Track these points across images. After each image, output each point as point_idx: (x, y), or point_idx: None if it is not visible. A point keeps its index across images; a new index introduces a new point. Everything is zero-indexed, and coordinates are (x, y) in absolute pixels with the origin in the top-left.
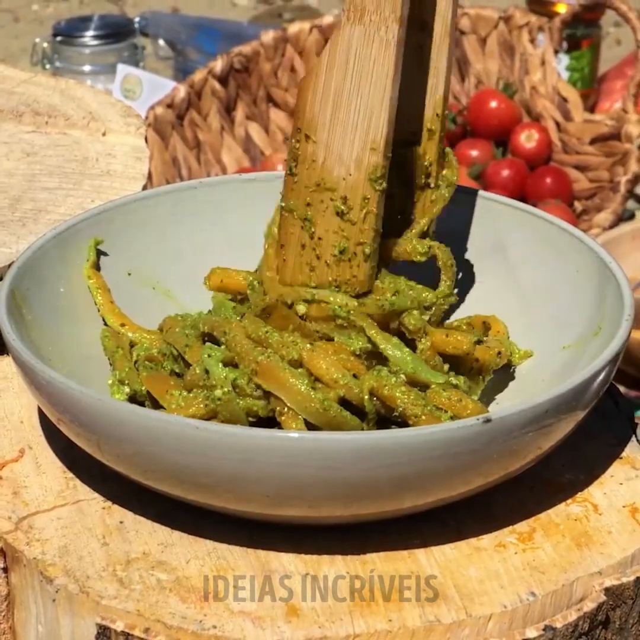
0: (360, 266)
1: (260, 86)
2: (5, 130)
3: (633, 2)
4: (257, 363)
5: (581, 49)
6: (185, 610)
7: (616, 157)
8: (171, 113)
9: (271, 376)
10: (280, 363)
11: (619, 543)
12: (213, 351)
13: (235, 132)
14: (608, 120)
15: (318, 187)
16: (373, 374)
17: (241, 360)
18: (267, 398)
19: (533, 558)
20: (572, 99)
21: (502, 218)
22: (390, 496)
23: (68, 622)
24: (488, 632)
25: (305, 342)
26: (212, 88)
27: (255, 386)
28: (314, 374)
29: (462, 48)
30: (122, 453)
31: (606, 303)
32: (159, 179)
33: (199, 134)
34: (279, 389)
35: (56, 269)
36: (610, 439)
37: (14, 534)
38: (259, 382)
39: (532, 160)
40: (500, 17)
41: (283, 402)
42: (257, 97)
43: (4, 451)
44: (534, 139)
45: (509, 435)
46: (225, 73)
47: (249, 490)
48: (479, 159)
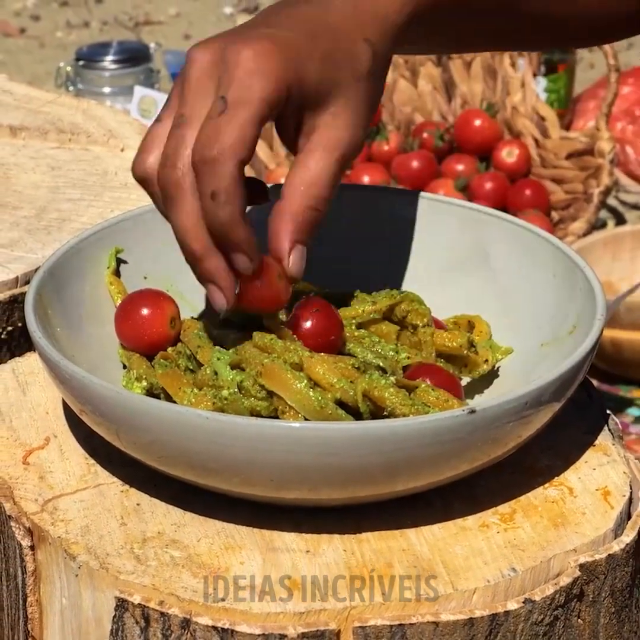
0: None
1: None
2: (32, 147)
3: None
4: (262, 365)
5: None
6: (196, 584)
7: (590, 171)
8: None
9: (274, 377)
10: (283, 365)
11: (592, 523)
12: (222, 355)
13: None
14: (582, 138)
15: None
16: (365, 377)
17: (248, 363)
18: (270, 398)
19: (514, 537)
20: (549, 118)
21: (485, 226)
22: (383, 480)
23: (89, 595)
24: (473, 605)
25: (305, 350)
26: None
27: (259, 387)
28: (313, 378)
29: (449, 71)
30: (139, 441)
31: (580, 304)
32: None
33: None
34: (280, 388)
35: (79, 273)
36: (584, 428)
37: (40, 515)
38: (263, 383)
39: (513, 173)
40: None
41: (284, 401)
42: None
43: (31, 439)
44: (514, 155)
45: (492, 425)
46: None
47: (254, 475)
48: (464, 173)
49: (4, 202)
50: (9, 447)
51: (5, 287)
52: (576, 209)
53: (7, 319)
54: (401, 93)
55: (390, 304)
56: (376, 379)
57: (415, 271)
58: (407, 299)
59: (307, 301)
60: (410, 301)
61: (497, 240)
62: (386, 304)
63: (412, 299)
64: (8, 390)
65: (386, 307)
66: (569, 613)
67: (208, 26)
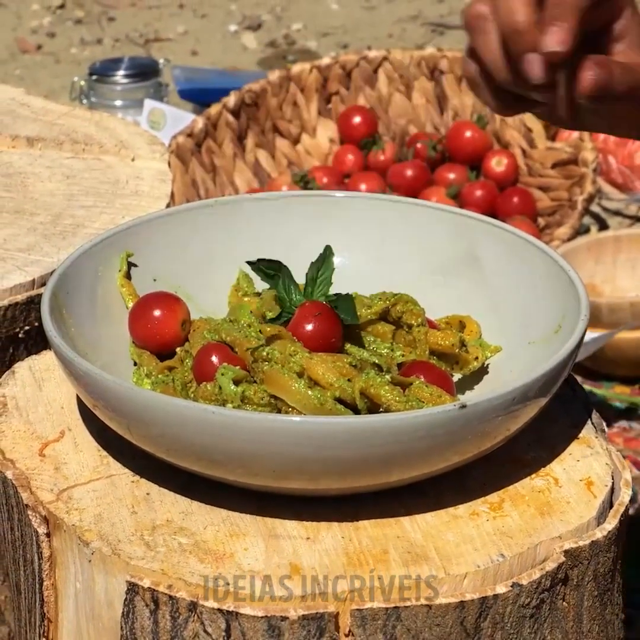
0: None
1: (267, 118)
2: (48, 156)
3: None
4: (263, 372)
5: None
6: (203, 569)
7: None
8: (191, 141)
9: (274, 382)
10: (281, 370)
11: (576, 511)
12: (227, 370)
13: (246, 158)
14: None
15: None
16: (362, 376)
17: (253, 372)
18: (273, 403)
19: (502, 524)
20: (535, 130)
21: (476, 232)
22: (379, 471)
23: (102, 579)
24: (464, 588)
25: (305, 352)
26: (226, 120)
27: (261, 394)
28: (313, 378)
29: (442, 86)
30: (149, 434)
31: (565, 305)
32: (180, 198)
33: (215, 160)
34: (281, 391)
35: (92, 275)
36: (569, 422)
37: (55, 504)
38: (265, 388)
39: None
40: None
41: (286, 403)
42: (264, 127)
43: (47, 432)
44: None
45: (482, 419)
46: (237, 107)
47: (257, 466)
48: (455, 181)
49: (22, 208)
50: (26, 440)
51: (23, 288)
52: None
53: (24, 319)
54: (396, 106)
55: (385, 305)
56: (372, 377)
57: (410, 274)
58: (401, 301)
59: (308, 305)
60: (405, 302)
61: (487, 244)
62: (382, 306)
63: (407, 300)
64: (25, 386)
65: (382, 309)
66: (555, 596)
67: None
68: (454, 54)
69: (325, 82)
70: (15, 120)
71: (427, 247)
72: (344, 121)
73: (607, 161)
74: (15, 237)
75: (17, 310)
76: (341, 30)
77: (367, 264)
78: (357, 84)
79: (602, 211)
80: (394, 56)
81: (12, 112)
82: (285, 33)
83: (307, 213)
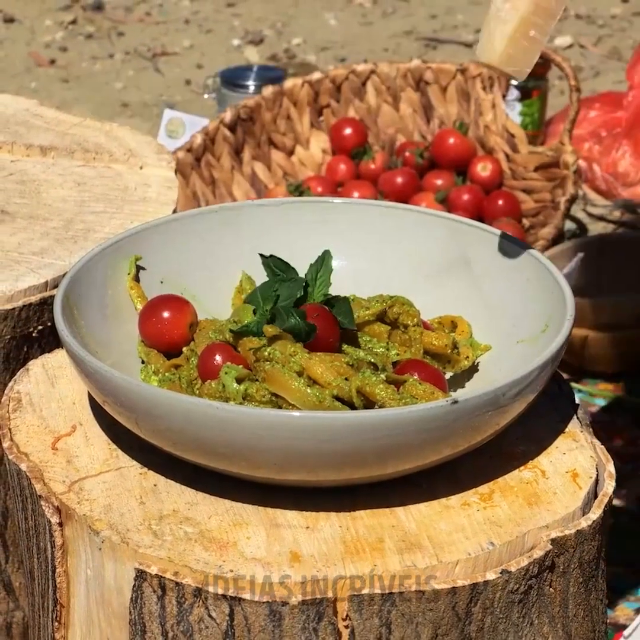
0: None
1: (262, 132)
2: (60, 165)
3: (574, 61)
4: (265, 371)
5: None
6: (207, 557)
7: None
8: (190, 156)
9: (275, 380)
10: (281, 369)
11: (562, 502)
12: (230, 369)
13: (243, 170)
14: (548, 152)
15: None
16: (358, 375)
17: (255, 371)
18: (274, 400)
19: (492, 514)
20: (518, 135)
21: (465, 235)
22: (375, 463)
23: (111, 566)
24: (455, 575)
25: (304, 352)
26: (223, 135)
27: (262, 393)
28: (312, 377)
29: (427, 96)
30: (156, 429)
31: (552, 306)
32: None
33: (214, 173)
34: (281, 389)
35: (102, 278)
36: (556, 417)
37: (67, 494)
38: (266, 386)
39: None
40: (457, 69)
41: (287, 401)
42: (260, 141)
43: (59, 427)
44: (488, 169)
45: (472, 414)
46: (233, 122)
47: (259, 459)
48: (443, 186)
49: (35, 214)
50: (39, 434)
51: (36, 290)
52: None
53: (37, 319)
54: (385, 116)
55: (382, 307)
56: (368, 376)
57: (404, 276)
58: (397, 303)
59: (308, 307)
60: (401, 304)
61: (478, 249)
62: (379, 308)
63: (403, 302)
64: (38, 382)
65: (379, 311)
66: (542, 583)
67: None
68: (438, 66)
69: (317, 96)
70: (30, 130)
71: (419, 251)
72: (336, 132)
73: (591, 169)
74: (29, 241)
75: (31, 311)
76: (339, 44)
77: (364, 267)
78: (347, 97)
79: (586, 217)
80: (381, 69)
81: (26, 122)
82: (286, 47)
83: (306, 218)
